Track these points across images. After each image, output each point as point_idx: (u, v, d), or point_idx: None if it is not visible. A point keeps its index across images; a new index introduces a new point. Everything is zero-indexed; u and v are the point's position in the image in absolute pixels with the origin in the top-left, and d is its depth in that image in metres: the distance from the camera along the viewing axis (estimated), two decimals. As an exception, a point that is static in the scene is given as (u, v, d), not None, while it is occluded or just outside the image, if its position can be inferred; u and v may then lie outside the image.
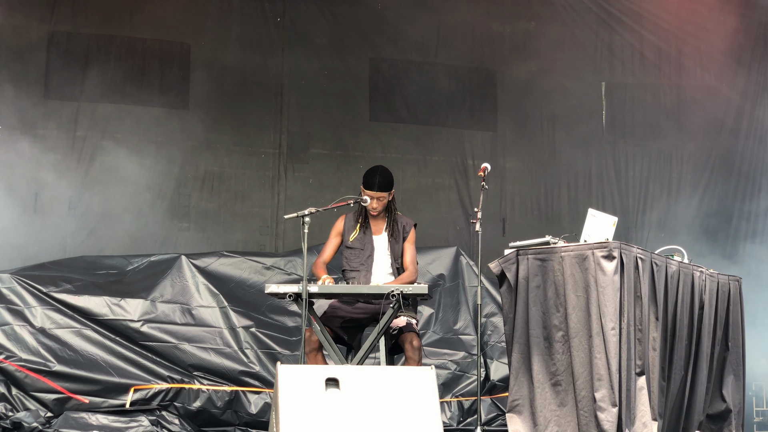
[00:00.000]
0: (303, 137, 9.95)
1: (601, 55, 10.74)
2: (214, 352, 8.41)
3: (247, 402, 8.32)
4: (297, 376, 5.51)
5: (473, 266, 9.14)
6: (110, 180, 9.34)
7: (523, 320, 6.32)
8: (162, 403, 8.10)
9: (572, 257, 6.19)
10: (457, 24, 10.40)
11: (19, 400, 7.94)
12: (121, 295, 8.44)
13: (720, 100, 10.65)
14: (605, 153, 10.66)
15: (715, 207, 10.51)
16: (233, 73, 9.75)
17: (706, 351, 6.99)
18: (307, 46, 10.05)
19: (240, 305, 8.62)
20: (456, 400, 8.65)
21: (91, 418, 7.84)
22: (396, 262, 6.92)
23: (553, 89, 10.53)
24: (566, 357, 6.18)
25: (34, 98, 9.26)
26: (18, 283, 8.27)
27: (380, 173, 6.89)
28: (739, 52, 10.62)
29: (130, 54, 9.58)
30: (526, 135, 10.54)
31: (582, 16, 10.68)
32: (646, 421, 6.11)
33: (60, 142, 9.28)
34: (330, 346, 6.58)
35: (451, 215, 10.24)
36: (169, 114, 9.51)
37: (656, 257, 6.45)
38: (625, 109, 10.75)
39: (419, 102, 10.30)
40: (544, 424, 6.20)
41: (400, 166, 10.04)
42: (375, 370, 5.83)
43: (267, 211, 9.78)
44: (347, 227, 7.02)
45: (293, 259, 9.04)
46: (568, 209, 10.48)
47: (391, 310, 6.41)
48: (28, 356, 8.05)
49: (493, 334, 8.97)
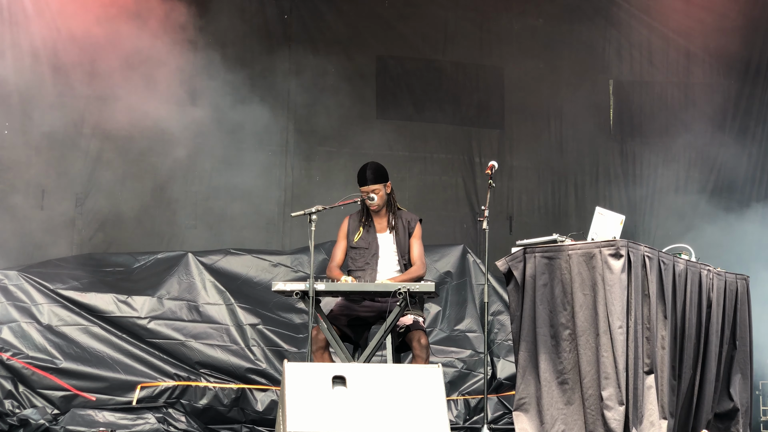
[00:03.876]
0: (310, 135, 9.94)
1: (609, 53, 10.71)
2: (220, 350, 8.42)
3: (254, 399, 8.32)
4: (304, 374, 5.51)
5: (480, 264, 9.13)
6: (117, 177, 9.34)
7: (530, 318, 6.31)
8: (169, 400, 8.11)
9: (579, 255, 6.18)
10: (464, 21, 10.38)
11: (26, 397, 7.96)
12: (128, 292, 8.46)
13: (728, 98, 10.61)
14: (613, 151, 10.63)
15: (722, 205, 10.46)
16: (240, 69, 9.74)
17: (714, 350, 6.97)
18: (314, 44, 10.04)
19: (247, 302, 8.63)
20: (462, 398, 8.64)
21: (98, 416, 7.85)
22: (403, 259, 6.90)
23: (561, 87, 10.50)
24: (573, 355, 6.17)
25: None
26: (25, 280, 8.29)
27: (370, 167, 6.89)
28: (747, 49, 10.58)
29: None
30: (533, 133, 10.52)
31: (590, 13, 10.64)
32: (653, 420, 6.09)
33: (67, 139, 9.28)
34: (337, 344, 6.57)
35: (458, 213, 10.22)
36: (176, 110, 9.49)
37: (664, 255, 6.43)
38: (633, 106, 10.71)
39: (426, 99, 10.28)
40: (550, 422, 6.19)
41: (407, 164, 10.03)
42: (382, 368, 5.82)
43: (274, 209, 9.78)
44: (351, 228, 7.01)
45: (300, 256, 9.04)
46: (576, 207, 10.46)
47: (397, 308, 6.40)
48: (35, 353, 8.08)
49: (500, 332, 8.96)
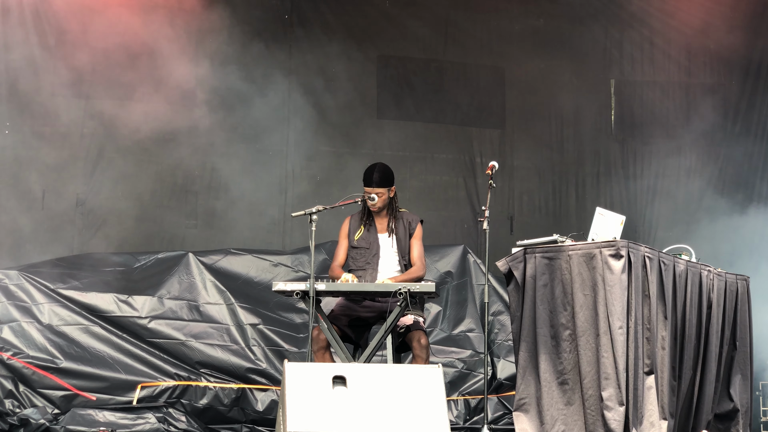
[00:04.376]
0: (311, 134, 9.94)
1: (611, 53, 10.70)
2: (221, 349, 8.42)
3: (254, 399, 8.33)
4: (304, 374, 5.51)
5: (480, 264, 9.13)
6: (118, 177, 9.34)
7: (531, 319, 6.31)
8: (169, 400, 8.11)
9: (580, 256, 6.18)
10: (465, 21, 10.37)
11: (26, 397, 7.96)
12: (129, 292, 8.46)
13: (729, 98, 10.60)
14: (614, 151, 10.62)
15: (724, 206, 10.45)
16: (241, 69, 9.73)
17: (714, 350, 6.97)
18: (315, 44, 10.03)
19: (247, 302, 8.63)
20: (463, 398, 8.64)
21: (98, 415, 7.85)
22: (403, 259, 6.90)
23: (562, 87, 10.49)
24: (573, 356, 6.17)
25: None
26: (26, 280, 8.29)
27: (378, 169, 6.87)
28: (748, 49, 10.57)
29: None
30: (534, 133, 10.51)
31: (591, 13, 10.63)
32: (654, 421, 6.09)
33: (67, 139, 9.28)
34: (337, 344, 6.58)
35: (459, 213, 10.22)
36: (177, 110, 9.49)
37: (664, 256, 6.43)
38: (634, 106, 10.70)
39: (427, 99, 10.28)
40: (550, 422, 6.19)
41: (408, 164, 10.02)
42: (382, 368, 5.82)
43: (274, 209, 9.77)
44: (352, 228, 7.01)
45: (301, 256, 9.04)
46: (576, 208, 10.46)
47: (398, 309, 6.41)
48: (36, 353, 8.08)
49: (500, 332, 8.96)
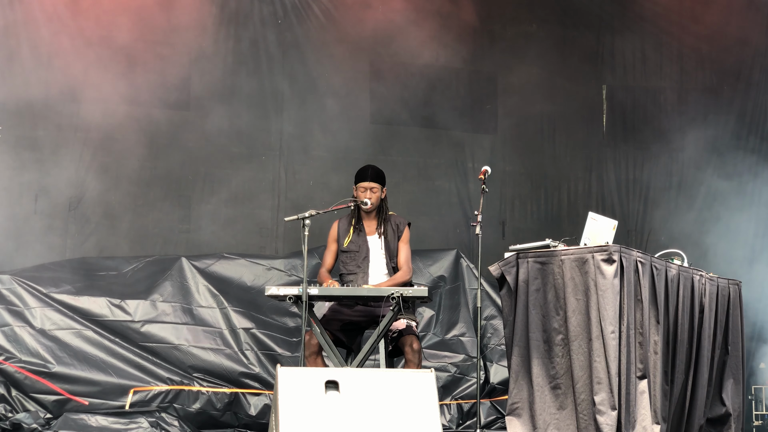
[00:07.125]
0: (304, 139, 9.94)
1: (603, 58, 10.73)
2: (214, 353, 8.41)
3: (247, 404, 8.31)
4: (297, 379, 5.51)
5: (473, 269, 9.14)
6: (110, 181, 9.33)
7: (523, 323, 6.32)
8: (161, 404, 8.09)
9: (572, 260, 6.20)
10: (458, 26, 10.38)
11: (18, 402, 7.94)
12: (122, 296, 8.45)
13: (722, 103, 10.63)
14: (606, 156, 10.65)
15: (716, 211, 10.47)
16: (234, 73, 9.74)
17: (706, 355, 6.99)
18: (308, 48, 10.03)
19: (240, 306, 8.62)
20: (455, 402, 8.64)
21: (91, 420, 7.83)
22: (392, 262, 6.92)
23: (554, 92, 10.51)
24: (566, 360, 6.18)
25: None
26: (18, 284, 8.27)
27: (371, 166, 7.01)
28: (740, 54, 10.60)
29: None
30: (526, 138, 10.53)
31: (583, 18, 10.66)
32: (646, 425, 6.10)
33: (60, 143, 9.26)
34: (330, 349, 6.58)
35: (452, 218, 10.22)
36: (170, 115, 9.48)
37: (656, 261, 6.45)
38: (626, 112, 10.73)
39: (419, 104, 10.29)
40: (543, 427, 6.20)
41: (401, 169, 10.03)
42: (375, 372, 5.82)
43: (267, 213, 9.77)
44: (341, 231, 7.02)
45: (294, 261, 9.04)
46: (568, 213, 10.47)
47: (391, 313, 6.41)
48: (28, 357, 8.05)
49: (493, 336, 8.97)
